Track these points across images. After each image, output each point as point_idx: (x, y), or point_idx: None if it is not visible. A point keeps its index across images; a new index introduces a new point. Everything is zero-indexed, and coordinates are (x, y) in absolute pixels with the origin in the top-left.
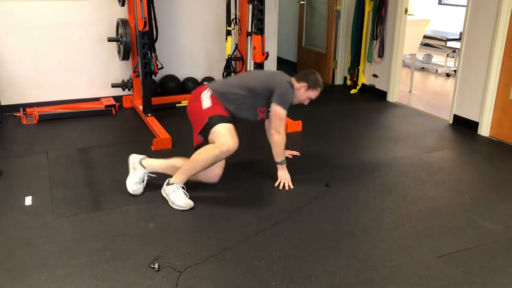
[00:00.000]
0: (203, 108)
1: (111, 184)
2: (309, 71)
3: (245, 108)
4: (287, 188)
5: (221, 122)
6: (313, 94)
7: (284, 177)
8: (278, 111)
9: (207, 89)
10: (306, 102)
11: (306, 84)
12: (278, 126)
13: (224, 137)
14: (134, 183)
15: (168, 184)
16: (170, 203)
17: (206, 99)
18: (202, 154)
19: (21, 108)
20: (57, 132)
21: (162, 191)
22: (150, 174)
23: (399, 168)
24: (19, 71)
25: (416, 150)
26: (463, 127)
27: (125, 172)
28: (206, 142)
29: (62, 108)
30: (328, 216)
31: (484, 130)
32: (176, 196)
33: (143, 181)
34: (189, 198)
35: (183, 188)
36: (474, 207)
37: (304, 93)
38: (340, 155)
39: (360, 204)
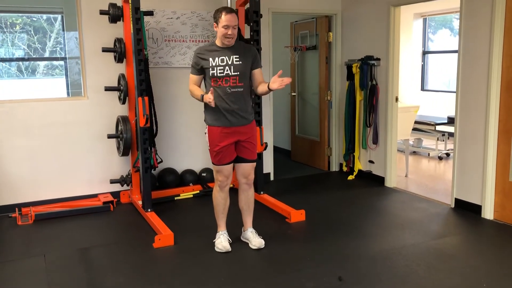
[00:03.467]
0: (208, 148)
1: (114, 287)
2: None
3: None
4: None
5: (213, 163)
6: (222, 23)
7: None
8: None
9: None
10: (228, 33)
11: (214, 22)
12: None
13: (215, 175)
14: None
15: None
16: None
17: (206, 140)
18: (213, 198)
19: (16, 208)
20: (54, 232)
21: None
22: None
23: (410, 257)
24: (16, 170)
25: (424, 237)
26: (466, 210)
27: (129, 272)
28: None
29: (58, 207)
30: None
31: (488, 213)
32: (218, 241)
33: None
34: (230, 243)
35: (225, 233)
36: None
37: (219, 29)
38: (348, 245)
39: None
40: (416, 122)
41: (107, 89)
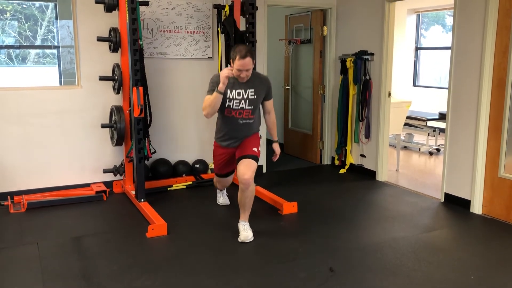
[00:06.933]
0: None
1: (108, 275)
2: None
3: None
4: None
5: (215, 172)
6: (235, 65)
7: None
8: None
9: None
10: (241, 75)
11: (231, 59)
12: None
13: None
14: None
15: None
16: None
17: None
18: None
19: (8, 197)
20: (47, 221)
21: None
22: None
23: (400, 249)
24: (8, 158)
25: (414, 230)
26: (455, 205)
27: (122, 260)
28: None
29: (51, 196)
30: None
31: (477, 208)
32: (218, 198)
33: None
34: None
35: (223, 192)
36: None
37: (234, 68)
38: (339, 236)
39: None
40: (407, 118)
41: (102, 78)
